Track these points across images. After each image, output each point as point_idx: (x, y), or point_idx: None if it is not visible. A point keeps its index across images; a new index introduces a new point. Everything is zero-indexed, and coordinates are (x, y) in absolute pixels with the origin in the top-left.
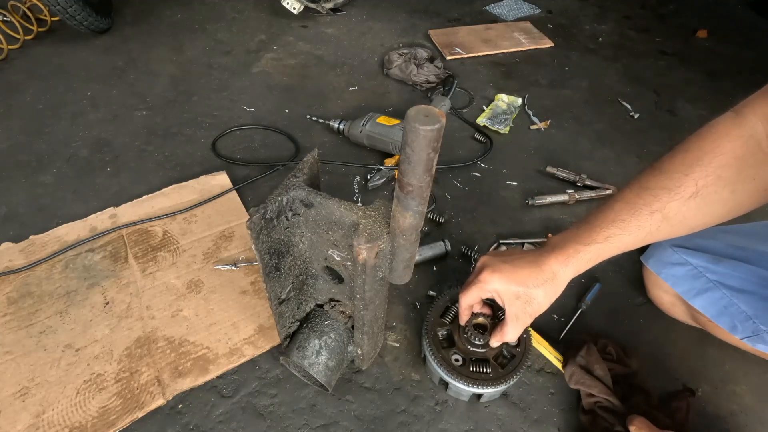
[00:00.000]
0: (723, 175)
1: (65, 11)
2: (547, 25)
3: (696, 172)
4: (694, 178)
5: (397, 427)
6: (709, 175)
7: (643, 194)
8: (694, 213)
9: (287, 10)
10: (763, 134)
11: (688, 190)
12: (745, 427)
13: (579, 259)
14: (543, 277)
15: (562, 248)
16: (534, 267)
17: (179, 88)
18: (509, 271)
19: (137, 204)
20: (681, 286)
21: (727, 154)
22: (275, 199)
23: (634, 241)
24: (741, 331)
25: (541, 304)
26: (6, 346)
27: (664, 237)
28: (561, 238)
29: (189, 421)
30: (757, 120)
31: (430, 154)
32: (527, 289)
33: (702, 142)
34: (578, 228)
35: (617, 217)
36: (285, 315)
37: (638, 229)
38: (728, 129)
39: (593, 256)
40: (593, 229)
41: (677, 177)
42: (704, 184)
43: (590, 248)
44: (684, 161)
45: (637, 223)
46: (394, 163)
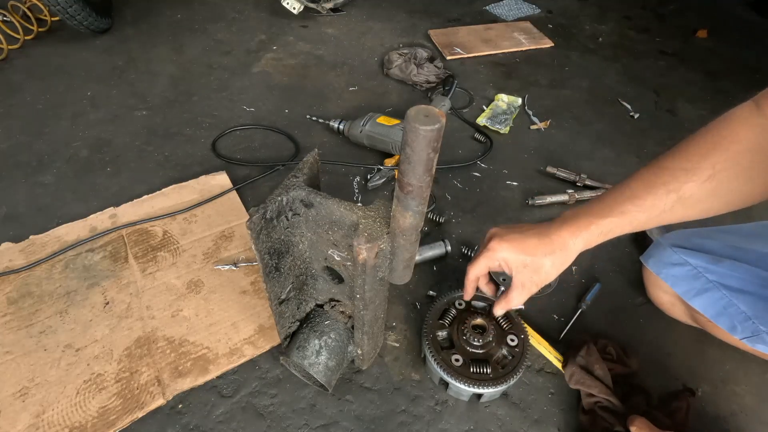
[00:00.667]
0: (740, 162)
1: (65, 11)
2: (547, 25)
3: (714, 156)
4: (711, 162)
5: (397, 427)
6: (727, 160)
7: (661, 173)
8: (709, 197)
9: (287, 10)
10: None
11: (705, 172)
12: (745, 427)
13: (591, 232)
14: (552, 246)
15: (574, 221)
16: (543, 237)
17: (179, 88)
18: (518, 240)
19: (137, 204)
20: (680, 286)
21: (744, 142)
22: (275, 199)
23: (648, 219)
24: (740, 332)
25: (548, 273)
26: (6, 346)
27: (677, 219)
28: (574, 212)
29: (189, 421)
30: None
31: (430, 154)
32: (535, 258)
33: (721, 127)
34: (592, 203)
35: (633, 194)
36: (285, 315)
37: (653, 208)
38: (746, 118)
39: (606, 230)
40: (608, 204)
41: (695, 159)
42: (721, 169)
43: (603, 222)
44: (703, 145)
45: (653, 202)
46: (394, 163)
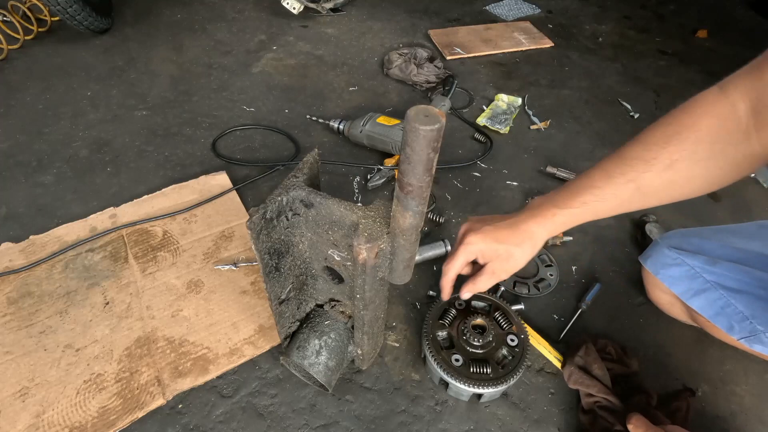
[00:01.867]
0: (698, 151)
1: (65, 11)
2: (547, 25)
3: (672, 145)
4: (669, 152)
5: (397, 427)
6: (684, 150)
7: (620, 163)
8: (667, 186)
9: (287, 10)
10: (743, 113)
11: (663, 162)
12: (745, 427)
13: (554, 222)
14: (521, 237)
15: (539, 211)
16: (514, 228)
17: (179, 88)
18: (491, 232)
19: (137, 204)
20: (678, 286)
21: (704, 131)
22: (275, 199)
23: (609, 209)
24: (738, 332)
25: (518, 260)
26: (6, 346)
27: (636, 207)
28: (540, 202)
29: (189, 421)
30: (739, 98)
31: (430, 154)
32: (507, 247)
33: (683, 116)
34: (557, 192)
35: (593, 184)
36: (285, 315)
37: (612, 197)
38: (709, 106)
39: (568, 220)
40: (571, 194)
41: (654, 149)
42: (678, 159)
43: (565, 212)
44: (663, 134)
45: (613, 191)
46: (394, 163)
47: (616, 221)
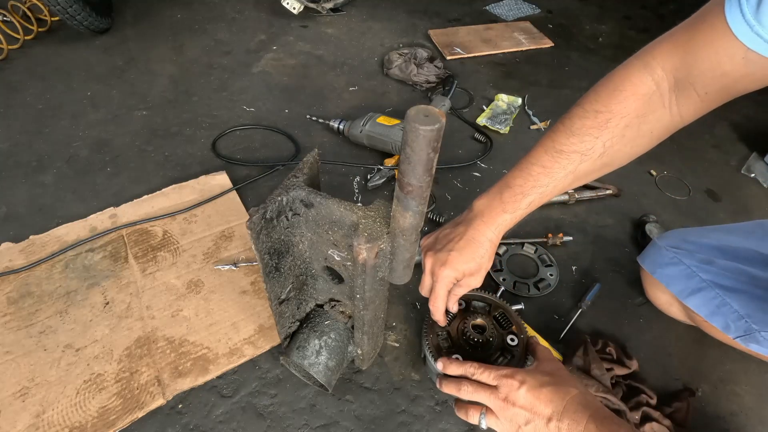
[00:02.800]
0: (626, 134)
1: (65, 11)
2: (547, 25)
3: (605, 134)
4: (602, 141)
5: (397, 427)
6: (615, 136)
7: (559, 158)
8: (600, 167)
9: (287, 10)
10: (666, 88)
11: (597, 151)
12: (745, 427)
13: (503, 220)
14: (483, 248)
15: (490, 215)
16: (473, 243)
17: (179, 88)
18: (457, 258)
19: (137, 204)
20: (675, 285)
21: (632, 115)
22: (275, 199)
23: (549, 198)
24: (734, 331)
25: (486, 267)
26: (6, 346)
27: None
28: (486, 204)
29: (189, 421)
30: (663, 74)
31: (430, 154)
32: (476, 263)
33: (610, 101)
34: (501, 193)
35: (537, 183)
36: (285, 315)
37: (554, 189)
38: (636, 86)
39: (518, 218)
40: (516, 196)
41: (588, 140)
42: (611, 145)
43: (515, 214)
44: (594, 123)
45: (554, 185)
46: (394, 163)
47: (616, 221)
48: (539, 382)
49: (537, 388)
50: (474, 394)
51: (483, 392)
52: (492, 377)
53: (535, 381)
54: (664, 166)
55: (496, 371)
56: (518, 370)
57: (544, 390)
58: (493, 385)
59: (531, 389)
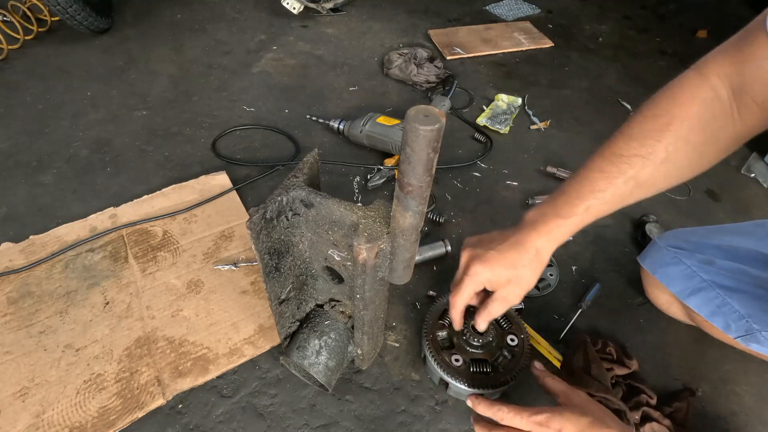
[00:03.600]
0: (691, 140)
1: (65, 11)
2: (547, 25)
3: (667, 137)
4: (665, 144)
5: (397, 427)
6: (678, 139)
7: (618, 162)
8: (664, 177)
9: (287, 10)
10: (726, 96)
11: (660, 156)
12: (745, 427)
13: (560, 233)
14: (529, 256)
15: (542, 223)
16: (519, 247)
17: (179, 88)
18: (497, 258)
19: (137, 204)
20: (675, 285)
21: (694, 119)
22: (275, 199)
23: (609, 208)
24: (734, 330)
25: (529, 282)
26: (6, 346)
27: (634, 200)
28: (539, 213)
29: (189, 421)
30: (719, 81)
31: (430, 154)
32: (516, 271)
33: (670, 105)
34: (555, 200)
35: (594, 187)
36: (285, 315)
37: (614, 197)
38: (694, 92)
39: (573, 228)
40: (572, 201)
41: (650, 143)
42: (674, 150)
43: (570, 221)
44: (655, 127)
45: (614, 192)
46: (394, 163)
47: (616, 221)
48: (578, 429)
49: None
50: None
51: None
52: (525, 422)
53: (573, 428)
54: None
55: (528, 416)
56: (553, 414)
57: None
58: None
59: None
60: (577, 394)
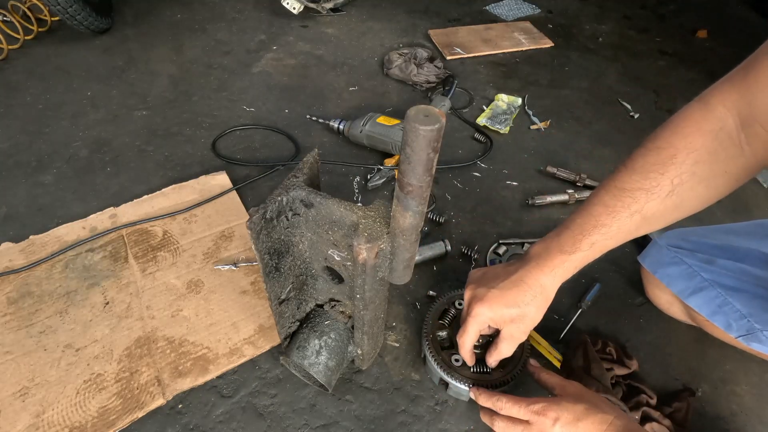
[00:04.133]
0: (697, 172)
1: (65, 11)
2: (547, 25)
3: (671, 171)
4: (669, 177)
5: (397, 427)
6: (684, 172)
7: (621, 196)
8: (671, 210)
9: (287, 10)
10: (733, 126)
11: (665, 189)
12: (745, 427)
13: (564, 269)
14: (532, 293)
15: (546, 258)
16: (521, 285)
17: (179, 88)
18: (498, 297)
19: (137, 204)
20: (676, 285)
21: (700, 150)
22: (275, 199)
23: (615, 243)
24: (736, 330)
25: (534, 319)
26: (6, 346)
27: (642, 234)
28: (543, 248)
29: (189, 421)
30: (726, 111)
31: (430, 154)
32: (519, 309)
33: (673, 137)
34: (559, 235)
35: (598, 222)
36: (285, 315)
37: (619, 232)
38: (699, 123)
39: (578, 263)
40: (575, 237)
41: (653, 177)
42: (679, 182)
43: (575, 256)
44: (658, 160)
45: (618, 226)
46: (394, 163)
47: None
48: (574, 416)
49: (573, 422)
50: (506, 429)
51: (516, 428)
52: (522, 412)
53: (569, 415)
54: None
55: (527, 405)
56: (550, 403)
57: (580, 425)
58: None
59: (566, 424)
60: (572, 385)
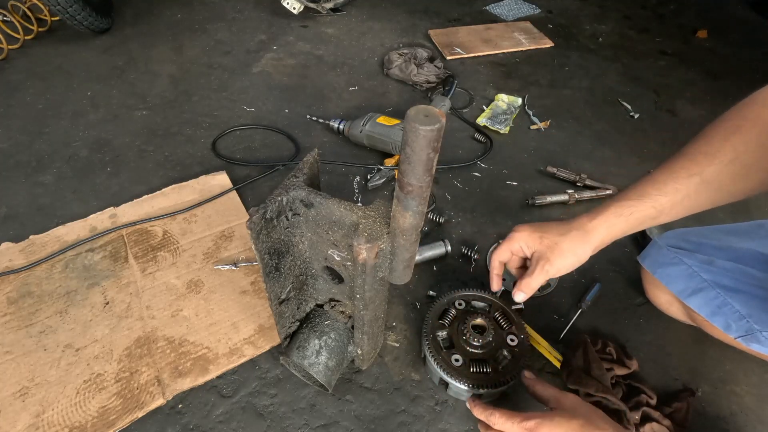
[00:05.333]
0: (764, 143)
1: (65, 11)
2: (547, 25)
3: (735, 138)
4: (732, 144)
5: (397, 427)
6: (749, 141)
7: (681, 159)
8: (735, 179)
9: (287, 10)
10: None
11: (727, 155)
12: (745, 427)
13: (608, 214)
14: (569, 227)
15: (595, 210)
16: (563, 223)
17: (179, 88)
18: (537, 225)
19: (137, 204)
20: (676, 285)
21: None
22: (275, 199)
23: (672, 204)
24: (735, 330)
25: (564, 251)
26: (6, 346)
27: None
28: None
29: (189, 421)
30: None
31: (430, 154)
32: (552, 237)
33: (744, 110)
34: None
35: (654, 179)
36: (285, 315)
37: (675, 192)
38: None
39: (625, 212)
40: (629, 191)
41: (716, 142)
42: (744, 150)
43: (622, 204)
44: (725, 128)
45: (674, 185)
46: (394, 163)
47: None
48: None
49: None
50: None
51: None
52: (516, 428)
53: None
54: None
55: (519, 422)
56: (543, 420)
57: None
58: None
59: None
60: (567, 397)
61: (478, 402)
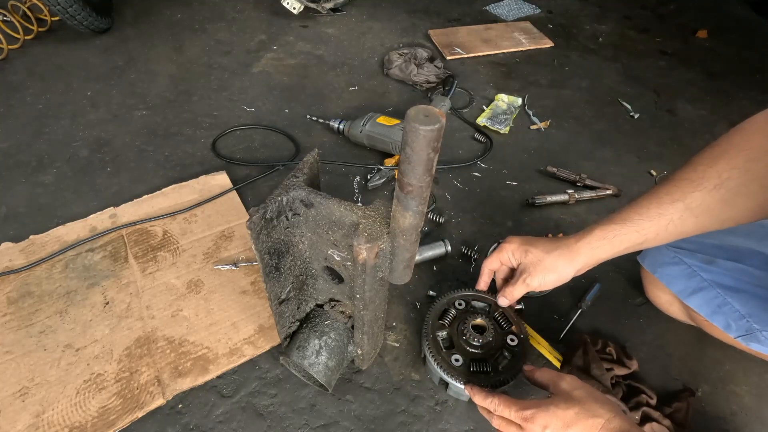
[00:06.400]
0: (751, 169)
1: (65, 11)
2: (547, 25)
3: (720, 164)
4: (717, 170)
5: (397, 427)
6: (734, 168)
7: (666, 185)
8: (720, 206)
9: (287, 10)
10: None
11: (712, 181)
12: (745, 427)
13: (593, 236)
14: (556, 245)
15: (582, 231)
16: (551, 240)
17: (179, 88)
18: (526, 239)
19: (137, 204)
20: (676, 285)
21: (756, 149)
22: (275, 199)
23: (657, 229)
24: (735, 330)
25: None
26: (6, 346)
27: (691, 229)
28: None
29: (189, 421)
30: None
31: (430, 154)
32: (538, 252)
33: (732, 137)
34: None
35: (638, 204)
36: (285, 315)
37: (659, 216)
38: (761, 125)
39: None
40: (612, 216)
41: (701, 169)
42: (728, 177)
43: (606, 227)
44: (710, 155)
45: (657, 210)
46: (394, 163)
47: None
48: (563, 422)
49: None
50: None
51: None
52: (513, 416)
53: (558, 422)
54: (664, 166)
55: (516, 411)
56: (539, 409)
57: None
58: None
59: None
60: (565, 380)
61: (477, 388)
